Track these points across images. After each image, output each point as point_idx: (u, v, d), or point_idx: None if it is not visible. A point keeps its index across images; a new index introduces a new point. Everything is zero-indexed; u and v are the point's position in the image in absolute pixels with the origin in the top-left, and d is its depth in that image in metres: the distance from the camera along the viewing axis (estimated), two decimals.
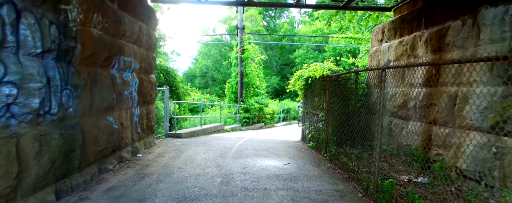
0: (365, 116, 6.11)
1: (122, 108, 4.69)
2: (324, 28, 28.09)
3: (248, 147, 6.38)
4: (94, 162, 3.72)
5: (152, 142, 6.17)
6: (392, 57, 5.93)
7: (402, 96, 5.44)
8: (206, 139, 7.49)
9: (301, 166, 4.71)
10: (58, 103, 2.89)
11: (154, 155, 5.29)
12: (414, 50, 5.10)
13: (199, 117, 9.13)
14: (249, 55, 12.94)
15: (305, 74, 6.69)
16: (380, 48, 6.68)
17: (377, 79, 4.12)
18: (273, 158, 5.31)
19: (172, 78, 9.83)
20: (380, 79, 3.25)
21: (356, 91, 6.51)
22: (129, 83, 4.92)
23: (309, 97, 6.96)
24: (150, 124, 6.07)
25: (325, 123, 5.55)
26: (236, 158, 5.21)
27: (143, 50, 5.61)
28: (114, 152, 4.34)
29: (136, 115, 5.30)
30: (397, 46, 5.79)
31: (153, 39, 6.16)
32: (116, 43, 4.35)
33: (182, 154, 5.41)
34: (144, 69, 5.72)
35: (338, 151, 5.25)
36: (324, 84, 6.11)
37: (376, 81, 4.43)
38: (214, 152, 5.70)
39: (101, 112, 3.91)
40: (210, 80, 33.07)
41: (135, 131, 5.26)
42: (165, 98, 7.57)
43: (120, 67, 4.54)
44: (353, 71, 4.85)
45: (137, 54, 5.29)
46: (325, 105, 5.52)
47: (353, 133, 5.52)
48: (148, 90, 5.90)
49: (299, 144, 7.19)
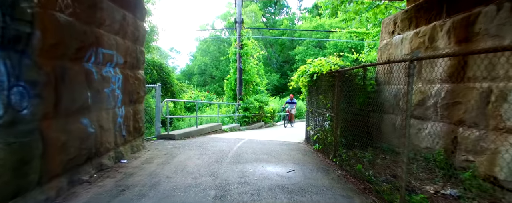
0: (374, 115, 5.54)
1: (102, 108, 4.08)
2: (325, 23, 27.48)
3: (247, 150, 5.78)
4: (62, 173, 3.11)
5: (140, 146, 5.56)
6: (407, 51, 5.33)
7: (419, 94, 4.84)
8: (202, 140, 6.89)
9: (308, 174, 4.11)
10: (4, 103, 2.27)
11: (141, 161, 4.69)
12: (434, 42, 4.49)
13: (195, 116, 8.51)
14: (248, 50, 12.28)
15: (309, 69, 6.08)
16: (391, 41, 6.07)
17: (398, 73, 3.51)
18: (276, 163, 4.71)
19: (166, 75, 9.20)
20: (408, 72, 2.64)
21: (364, 89, 5.96)
22: (110, 79, 4.31)
23: (314, 95, 6.35)
24: (137, 125, 5.46)
25: (333, 123, 4.95)
26: (233, 163, 4.62)
27: (128, 43, 4.98)
28: (90, 160, 3.73)
29: (120, 115, 4.69)
30: (412, 38, 5.19)
31: (140, 31, 5.53)
32: (91, 33, 3.72)
33: (173, 160, 4.81)
34: (130, 64, 5.10)
35: (348, 155, 4.66)
36: (331, 80, 5.50)
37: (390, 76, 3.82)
38: (209, 156, 5.10)
39: (72, 114, 3.30)
40: (209, 78, 32.43)
41: (119, 133, 4.65)
42: (157, 97, 6.96)
43: (98, 61, 3.92)
44: (368, 65, 4.23)
45: (121, 46, 4.67)
46: (334, 104, 4.92)
47: (362, 133, 4.95)
48: (135, 88, 5.29)
49: (303, 146, 6.59)
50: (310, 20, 31.58)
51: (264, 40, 31.41)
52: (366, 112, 5.12)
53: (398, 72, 4.70)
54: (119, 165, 4.37)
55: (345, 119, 5.07)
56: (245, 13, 28.01)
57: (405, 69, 2.85)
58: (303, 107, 19.62)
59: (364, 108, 5.44)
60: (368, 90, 5.96)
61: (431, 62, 4.39)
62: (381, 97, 5.92)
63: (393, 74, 5.50)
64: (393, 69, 5.58)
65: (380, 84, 6.03)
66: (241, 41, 12.24)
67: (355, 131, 4.98)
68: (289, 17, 36.50)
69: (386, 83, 5.72)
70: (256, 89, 12.97)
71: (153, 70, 9.23)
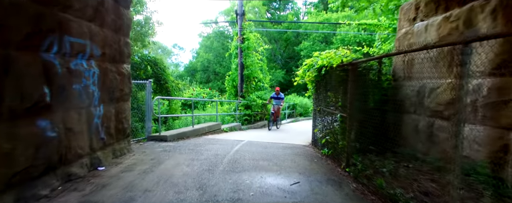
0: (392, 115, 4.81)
1: (70, 107, 3.43)
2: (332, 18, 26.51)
3: (246, 154, 5.10)
4: (5, 189, 2.48)
5: (125, 149, 4.92)
6: (434, 38, 4.56)
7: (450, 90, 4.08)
8: (197, 142, 6.24)
9: (316, 187, 3.41)
10: None
11: (121, 168, 4.05)
12: (472, 26, 3.72)
13: (190, 115, 7.86)
14: (250, 44, 11.53)
15: (317, 62, 5.35)
16: (412, 30, 5.30)
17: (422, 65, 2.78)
18: (277, 172, 4.02)
19: (161, 71, 8.55)
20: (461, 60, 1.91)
21: (379, 84, 5.24)
22: (82, 74, 3.65)
23: (322, 92, 5.63)
24: (121, 126, 4.82)
25: (345, 125, 4.23)
26: (228, 172, 3.94)
27: (107, 32, 4.33)
28: (53, 170, 3.09)
29: (97, 115, 4.05)
30: (440, 24, 4.42)
31: (124, 20, 4.86)
32: (52, 17, 3.06)
33: (158, 166, 4.16)
34: (111, 57, 4.45)
35: (364, 163, 3.95)
36: (342, 75, 4.78)
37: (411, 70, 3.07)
38: (201, 162, 4.44)
39: (21, 115, 2.65)
40: (212, 74, 31.80)
41: (96, 136, 4.02)
42: (147, 94, 6.31)
43: (63, 52, 3.26)
44: (391, 54, 3.42)
45: (97, 36, 4.01)
46: (346, 102, 4.20)
47: (378, 136, 4.25)
48: (117, 84, 4.64)
49: (310, 149, 5.88)
50: (316, 15, 30.60)
51: (268, 35, 30.59)
52: (382, 112, 4.41)
53: (423, 64, 3.94)
54: (93, 174, 3.73)
55: (358, 119, 4.35)
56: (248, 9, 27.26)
57: (456, 55, 2.10)
58: (309, 104, 18.85)
59: (379, 106, 4.72)
60: (384, 87, 5.26)
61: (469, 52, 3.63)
62: (399, 95, 5.22)
63: (415, 67, 4.76)
64: (415, 61, 4.83)
65: (398, 80, 5.31)
66: (243, 35, 11.49)
67: (370, 133, 4.28)
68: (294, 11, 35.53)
69: (406, 78, 5.02)
70: (259, 86, 12.22)
71: (147, 65, 8.59)
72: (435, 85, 4.32)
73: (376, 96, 4.97)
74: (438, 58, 4.24)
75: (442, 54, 4.26)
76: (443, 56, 4.26)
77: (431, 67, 4.31)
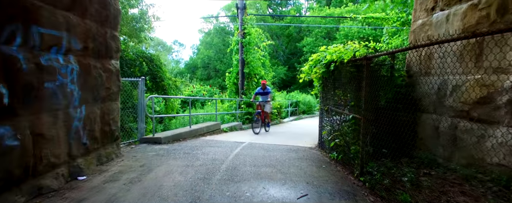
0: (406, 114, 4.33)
1: (42, 110, 2.96)
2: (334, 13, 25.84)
3: (246, 159, 4.62)
4: None
5: (113, 154, 4.46)
6: (457, 30, 4.05)
7: (480, 87, 3.58)
8: (193, 144, 5.76)
9: (327, 202, 2.92)
10: None
11: (105, 177, 3.58)
12: (507, 14, 3.20)
13: (188, 115, 7.38)
14: (251, 40, 10.99)
15: (325, 57, 4.83)
16: (430, 21, 4.79)
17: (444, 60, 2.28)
18: (282, 181, 3.53)
19: (157, 68, 8.06)
20: None
21: (392, 81, 4.76)
22: (56, 70, 3.17)
23: (330, 90, 5.12)
24: (108, 128, 4.35)
25: (359, 128, 3.73)
26: (225, 182, 3.47)
27: (91, 24, 3.84)
28: (16, 185, 2.63)
29: (77, 118, 3.57)
30: (466, 12, 3.90)
31: (110, 10, 4.37)
32: (14, 2, 2.58)
33: (147, 175, 3.69)
34: (95, 52, 3.96)
35: (381, 171, 3.46)
36: (353, 71, 4.29)
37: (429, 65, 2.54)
38: (196, 169, 3.96)
39: None
40: (213, 71, 31.30)
41: (76, 142, 3.54)
42: (139, 93, 5.83)
43: (30, 45, 2.78)
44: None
45: (77, 27, 3.52)
46: (360, 102, 3.70)
47: (392, 138, 3.77)
48: (103, 82, 4.16)
49: (316, 152, 5.39)
50: (318, 10, 29.91)
51: (270, 31, 30.00)
52: (396, 111, 3.93)
53: (444, 58, 3.44)
54: (71, 185, 3.26)
55: (374, 121, 3.86)
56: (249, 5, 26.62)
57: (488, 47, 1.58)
58: (312, 102, 18.32)
59: (394, 105, 4.24)
60: (397, 83, 4.78)
61: (500, 42, 3.11)
62: (415, 92, 4.74)
63: (434, 62, 4.25)
64: (434, 55, 4.32)
65: (414, 76, 4.83)
66: (244, 30, 10.94)
67: (382, 134, 3.80)
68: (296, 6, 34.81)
69: (423, 74, 4.55)
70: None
71: (143, 62, 8.10)
72: (460, 82, 3.82)
73: (389, 94, 4.51)
74: (463, 52, 3.73)
75: (468, 46, 3.76)
76: (469, 49, 3.76)
77: (454, 61, 3.80)
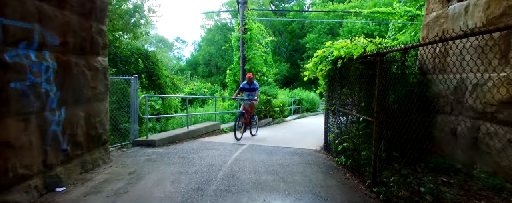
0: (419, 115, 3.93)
1: (7, 114, 2.57)
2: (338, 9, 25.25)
3: (246, 164, 4.23)
4: None
5: (100, 159, 4.08)
6: (479, 22, 3.63)
7: (508, 86, 3.15)
8: (190, 147, 5.37)
9: None
10: None
11: (88, 188, 3.20)
12: None
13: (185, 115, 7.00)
14: (253, 35, 10.54)
15: (332, 53, 4.41)
16: (446, 13, 4.38)
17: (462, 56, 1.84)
18: (285, 193, 3.14)
19: (153, 65, 7.67)
20: None
21: (404, 79, 4.39)
22: (26, 68, 2.78)
23: (337, 89, 4.70)
24: (94, 132, 3.97)
25: (372, 132, 3.31)
26: (222, 193, 3.08)
27: (71, 16, 3.44)
28: None
29: (55, 121, 3.19)
30: (490, 2, 3.49)
31: (96, 2, 3.97)
32: None
33: (135, 185, 3.31)
34: (77, 47, 3.57)
35: (396, 181, 3.05)
36: (362, 68, 3.89)
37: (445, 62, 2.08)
38: (190, 177, 3.58)
39: None
40: (214, 68, 30.89)
41: (53, 149, 3.17)
42: (132, 92, 5.45)
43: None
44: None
45: (53, 20, 3.13)
46: (373, 103, 3.28)
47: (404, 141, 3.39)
48: (87, 81, 3.77)
49: (322, 156, 4.98)
50: (321, 6, 29.30)
51: (273, 28, 29.45)
52: (409, 111, 3.54)
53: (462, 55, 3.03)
54: (46, 199, 2.89)
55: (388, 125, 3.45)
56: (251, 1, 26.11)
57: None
58: (315, 99, 17.88)
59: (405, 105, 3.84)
60: (409, 82, 4.40)
61: None
62: (430, 91, 4.34)
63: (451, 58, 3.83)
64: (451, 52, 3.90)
65: (427, 74, 4.46)
66: (245, 25, 10.50)
67: (394, 138, 3.42)
68: (299, 2, 34.16)
69: (438, 71, 4.17)
70: (262, 80, 11.27)
71: (138, 59, 7.71)
72: (481, 80, 3.42)
73: (400, 93, 4.12)
74: (485, 47, 3.30)
75: (491, 41, 3.34)
76: (492, 44, 3.34)
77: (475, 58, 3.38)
